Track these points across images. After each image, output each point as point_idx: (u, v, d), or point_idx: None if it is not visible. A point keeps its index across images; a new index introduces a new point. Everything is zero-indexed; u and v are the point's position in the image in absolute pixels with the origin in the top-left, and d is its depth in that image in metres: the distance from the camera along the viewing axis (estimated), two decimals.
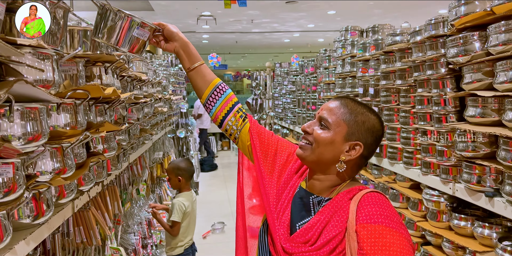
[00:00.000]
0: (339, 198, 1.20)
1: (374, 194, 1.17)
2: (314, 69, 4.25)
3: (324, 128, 1.21)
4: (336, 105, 1.23)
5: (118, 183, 2.89)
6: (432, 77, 1.94)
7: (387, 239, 1.04)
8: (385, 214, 1.09)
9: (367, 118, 1.22)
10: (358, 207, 1.13)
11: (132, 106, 2.53)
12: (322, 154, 1.21)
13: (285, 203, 1.31)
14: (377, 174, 2.69)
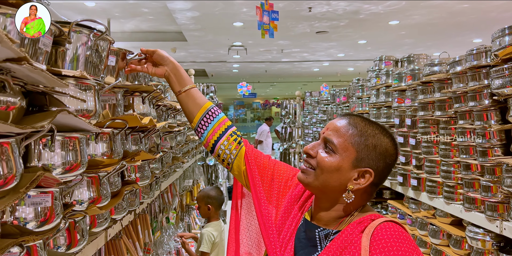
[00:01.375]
0: (349, 231, 1.06)
1: (388, 225, 1.04)
2: (346, 99, 4.22)
3: (330, 151, 1.08)
4: (344, 124, 1.09)
5: (149, 211, 2.88)
6: (475, 108, 1.87)
7: None
8: (403, 250, 0.97)
9: (379, 142, 1.08)
10: (371, 242, 1.01)
11: (166, 134, 2.56)
12: (327, 181, 1.08)
13: (287, 237, 1.17)
14: (415, 209, 2.57)
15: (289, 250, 1.14)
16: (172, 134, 2.62)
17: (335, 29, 7.09)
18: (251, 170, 1.31)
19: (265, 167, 1.31)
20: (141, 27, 7.32)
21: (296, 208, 1.21)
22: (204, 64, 10.59)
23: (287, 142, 7.74)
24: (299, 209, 1.21)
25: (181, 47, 8.38)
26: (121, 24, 7.04)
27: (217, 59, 9.86)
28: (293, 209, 1.21)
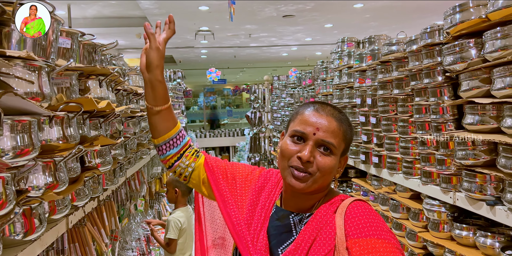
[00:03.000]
0: (322, 212, 1.11)
1: (358, 203, 1.11)
2: (312, 81, 4.25)
3: (329, 154, 1.09)
4: (334, 122, 1.10)
5: (115, 199, 2.85)
6: (429, 85, 1.93)
7: (381, 252, 0.99)
8: (374, 225, 1.04)
9: (352, 126, 1.17)
10: (345, 221, 1.06)
11: (129, 120, 2.52)
12: (324, 182, 1.11)
13: (259, 227, 1.17)
14: (377, 185, 2.65)
15: (261, 240, 1.14)
16: (135, 119, 2.59)
17: (301, 12, 7.09)
18: (213, 174, 1.33)
19: (226, 169, 1.34)
20: (104, 12, 7.10)
21: (262, 199, 1.22)
22: (171, 50, 10.41)
23: (256, 126, 7.77)
24: (267, 199, 1.22)
25: None
26: (82, 9, 6.81)
27: (184, 44, 9.70)
28: (259, 201, 1.23)
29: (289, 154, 1.10)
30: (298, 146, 1.10)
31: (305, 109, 1.15)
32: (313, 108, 1.14)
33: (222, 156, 12.83)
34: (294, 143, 1.11)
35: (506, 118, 1.48)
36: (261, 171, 1.34)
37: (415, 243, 2.13)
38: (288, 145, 1.11)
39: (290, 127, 1.15)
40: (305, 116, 1.12)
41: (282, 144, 1.13)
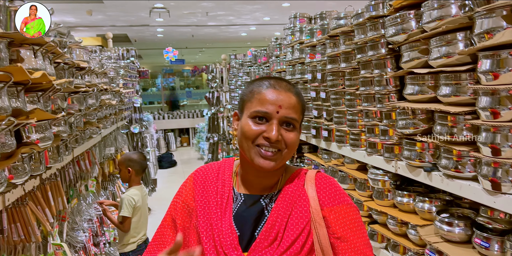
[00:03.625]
0: (291, 187, 1.13)
1: (322, 175, 1.17)
2: (267, 59, 4.24)
3: (292, 129, 1.10)
4: (294, 97, 1.11)
5: (63, 179, 2.76)
6: (374, 58, 1.96)
7: (352, 216, 1.09)
8: (341, 193, 1.13)
9: (303, 96, 1.19)
10: (318, 192, 1.11)
11: (73, 96, 2.42)
12: (290, 155, 1.13)
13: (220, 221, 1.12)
14: (327, 159, 2.71)
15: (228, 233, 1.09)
16: (80, 95, 2.49)
17: None
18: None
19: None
20: None
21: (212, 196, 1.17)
22: (125, 28, 10.05)
23: (215, 106, 7.71)
24: (217, 193, 1.17)
25: (98, 10, 7.86)
26: None
27: (139, 22, 9.39)
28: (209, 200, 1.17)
29: (254, 135, 1.08)
30: (261, 126, 1.09)
31: (260, 87, 1.12)
32: (269, 84, 1.12)
33: (181, 138, 12.70)
34: (257, 123, 1.09)
35: (442, 86, 1.53)
36: (190, 181, 1.24)
37: (362, 213, 2.20)
38: (251, 126, 1.09)
39: (248, 108, 1.11)
40: (263, 95, 1.10)
41: (244, 126, 1.10)
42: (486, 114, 1.31)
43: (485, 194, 1.34)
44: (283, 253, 1.04)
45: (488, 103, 1.30)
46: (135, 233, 3.15)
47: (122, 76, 4.71)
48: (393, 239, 1.88)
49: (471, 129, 1.45)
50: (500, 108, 1.27)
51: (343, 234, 1.06)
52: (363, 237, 1.08)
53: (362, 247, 1.06)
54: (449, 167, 1.49)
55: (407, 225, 1.82)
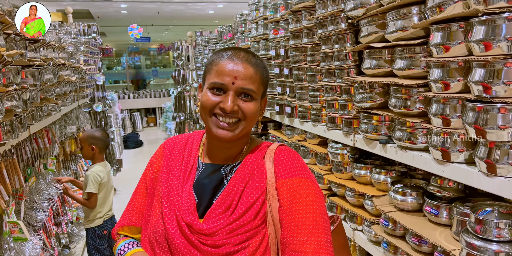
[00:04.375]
0: (252, 158, 1.16)
1: (284, 148, 1.20)
2: (232, 35, 4.19)
3: (250, 99, 1.12)
4: (251, 68, 1.12)
5: (20, 157, 2.68)
6: (334, 32, 1.97)
7: (304, 189, 1.09)
8: (299, 166, 1.14)
9: (267, 68, 1.20)
10: (275, 164, 1.14)
11: (26, 69, 2.33)
12: (250, 126, 1.15)
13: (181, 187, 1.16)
14: (290, 135, 2.74)
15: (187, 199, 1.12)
16: (34, 69, 2.40)
17: None
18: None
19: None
20: None
21: (177, 164, 1.21)
22: (87, 3, 9.65)
23: (181, 85, 7.60)
24: (182, 161, 1.21)
25: None
26: None
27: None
28: (173, 167, 1.21)
29: (211, 106, 1.11)
30: (218, 97, 1.11)
31: (219, 58, 1.13)
32: (227, 56, 1.13)
33: (148, 118, 12.50)
34: (214, 94, 1.11)
35: (397, 60, 1.56)
36: (161, 150, 1.29)
37: (322, 186, 2.26)
38: (209, 97, 1.11)
39: (208, 79, 1.14)
40: (220, 66, 1.11)
41: (202, 97, 1.13)
42: (437, 86, 1.35)
43: (435, 164, 1.39)
44: (236, 220, 1.07)
45: (439, 75, 1.34)
46: (101, 208, 3.13)
47: (82, 52, 4.55)
48: (351, 210, 1.94)
49: (423, 101, 1.50)
50: (450, 80, 1.31)
51: (289, 207, 1.07)
52: (313, 213, 1.05)
53: (307, 223, 1.04)
54: (403, 138, 1.54)
55: (364, 196, 1.88)
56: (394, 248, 1.62)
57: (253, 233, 1.06)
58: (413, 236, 1.49)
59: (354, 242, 2.00)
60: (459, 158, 1.32)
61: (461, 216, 1.34)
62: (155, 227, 1.12)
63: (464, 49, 1.28)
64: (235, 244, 1.05)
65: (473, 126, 1.19)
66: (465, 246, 1.20)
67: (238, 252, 1.04)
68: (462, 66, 1.30)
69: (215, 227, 1.06)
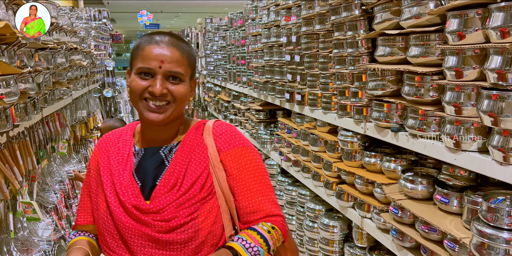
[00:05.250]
0: (190, 137, 1.21)
1: (220, 122, 1.26)
2: (243, 22, 4.17)
3: (179, 82, 1.14)
4: (177, 52, 1.14)
5: (33, 139, 2.71)
6: (347, 19, 1.95)
7: (247, 157, 1.19)
8: (238, 137, 1.22)
9: (193, 49, 1.23)
10: (215, 139, 1.20)
11: (39, 52, 2.34)
12: (182, 108, 1.18)
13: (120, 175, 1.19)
14: (300, 122, 2.74)
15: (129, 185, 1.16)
16: (47, 52, 2.41)
17: None
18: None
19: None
20: None
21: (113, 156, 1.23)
22: None
23: None
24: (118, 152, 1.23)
25: None
26: None
27: None
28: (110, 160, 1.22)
29: (140, 90, 1.13)
30: (147, 81, 1.13)
31: (144, 43, 1.15)
32: (152, 40, 1.14)
33: None
34: (142, 79, 1.13)
35: (412, 47, 1.55)
36: (96, 148, 1.32)
37: (330, 173, 2.26)
38: (138, 82, 1.13)
39: (135, 65, 1.15)
40: (146, 51, 1.13)
41: (131, 82, 1.15)
42: (451, 74, 1.34)
43: (447, 152, 1.39)
44: (182, 195, 1.12)
45: (454, 62, 1.33)
46: None
47: (93, 37, 4.56)
48: (360, 197, 1.95)
49: (437, 89, 1.49)
50: (465, 68, 1.30)
51: (238, 174, 1.17)
52: (260, 176, 1.18)
53: (257, 185, 1.16)
54: (415, 126, 1.54)
55: (373, 184, 1.88)
56: (403, 235, 1.62)
57: (201, 204, 1.13)
58: (423, 224, 1.49)
59: (362, 229, 2.01)
60: (472, 147, 1.31)
61: (472, 204, 1.33)
62: (103, 219, 1.17)
63: (481, 36, 1.27)
64: (185, 216, 1.11)
65: (488, 114, 1.18)
66: (476, 234, 1.20)
67: (188, 223, 1.10)
68: (478, 53, 1.28)
69: (162, 204, 1.12)
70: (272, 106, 3.57)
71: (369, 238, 2.07)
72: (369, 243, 2.08)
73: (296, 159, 2.74)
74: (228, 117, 4.90)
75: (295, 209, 2.83)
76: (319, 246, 2.41)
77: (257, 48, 3.49)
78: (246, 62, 4.07)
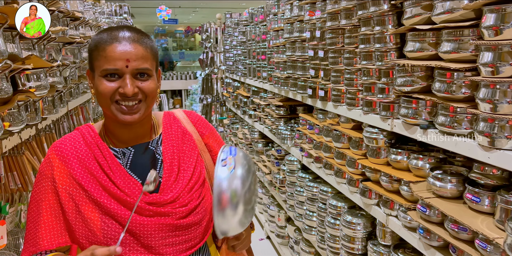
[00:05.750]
0: (170, 128, 1.25)
1: (189, 111, 1.37)
2: (264, 17, 4.15)
3: (147, 78, 1.11)
4: (140, 47, 1.09)
5: (58, 132, 2.76)
6: (375, 14, 1.93)
7: (218, 137, 1.38)
8: (207, 122, 1.38)
9: (151, 38, 1.19)
10: (195, 125, 1.32)
11: (66, 46, 2.37)
12: (152, 104, 1.16)
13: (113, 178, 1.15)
14: (322, 118, 2.72)
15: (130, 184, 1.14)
16: (75, 46, 2.44)
17: None
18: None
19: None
20: None
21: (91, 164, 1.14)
22: None
23: (208, 67, 7.62)
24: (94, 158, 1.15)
25: None
26: None
27: None
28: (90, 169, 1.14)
29: (110, 93, 1.08)
30: (114, 82, 1.08)
31: (105, 43, 1.08)
32: (112, 38, 1.08)
33: (174, 100, 12.62)
34: (109, 80, 1.08)
35: (444, 43, 1.52)
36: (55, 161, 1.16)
37: (354, 170, 2.24)
38: (106, 85, 1.08)
39: (97, 67, 1.09)
40: (108, 51, 1.07)
41: (98, 86, 1.09)
42: (486, 70, 1.31)
43: (480, 150, 1.36)
44: (189, 181, 1.20)
45: (490, 59, 1.30)
46: None
47: None
48: (385, 195, 1.93)
49: (469, 86, 1.45)
50: (501, 64, 1.27)
51: (215, 147, 1.33)
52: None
53: None
54: (446, 124, 1.51)
55: (399, 182, 1.86)
56: (430, 234, 1.60)
57: (201, 185, 1.23)
58: (452, 223, 1.47)
59: (386, 227, 1.99)
60: (507, 145, 1.28)
61: (506, 204, 1.31)
62: (102, 231, 1.10)
63: None
64: (196, 198, 1.19)
65: None
66: (511, 234, 1.18)
67: (200, 204, 1.20)
68: None
69: (177, 192, 1.17)
70: (293, 102, 3.55)
71: (393, 236, 2.05)
72: (393, 241, 2.06)
73: (318, 156, 2.72)
74: (247, 112, 4.90)
75: (316, 205, 2.81)
76: (341, 243, 2.40)
77: (278, 44, 3.48)
78: (266, 57, 4.05)
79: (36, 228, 1.13)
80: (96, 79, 1.11)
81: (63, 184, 1.13)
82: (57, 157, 1.16)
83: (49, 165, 1.16)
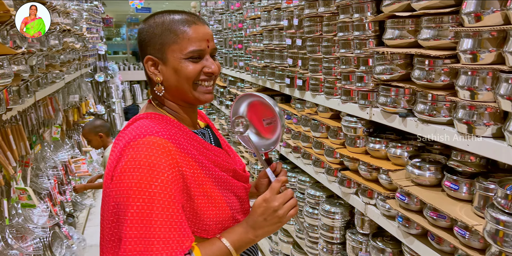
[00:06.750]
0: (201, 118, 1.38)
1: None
2: (240, 5, 4.07)
3: (215, 57, 1.19)
4: (209, 28, 1.17)
5: (26, 124, 2.64)
6: (354, 1, 1.90)
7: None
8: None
9: None
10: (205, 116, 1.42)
11: None
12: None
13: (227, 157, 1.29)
14: (300, 108, 2.70)
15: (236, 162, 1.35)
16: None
17: None
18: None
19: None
20: None
21: (198, 150, 1.15)
22: None
23: None
24: (194, 143, 1.15)
25: None
26: None
27: None
28: (200, 150, 1.15)
29: (196, 74, 1.11)
30: (198, 64, 1.12)
31: (181, 25, 1.10)
32: (187, 20, 1.12)
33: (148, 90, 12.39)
34: (194, 63, 1.11)
35: (423, 30, 1.50)
36: (172, 149, 1.08)
37: (332, 159, 2.23)
38: (193, 66, 1.11)
39: (178, 50, 1.09)
40: (191, 33, 1.10)
41: (182, 69, 1.09)
42: (466, 57, 1.30)
43: (459, 138, 1.35)
44: (236, 155, 1.38)
45: (470, 45, 1.29)
46: None
47: (85, 20, 4.43)
48: (364, 184, 1.92)
49: (448, 73, 1.44)
50: (481, 51, 1.26)
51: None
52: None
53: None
54: (425, 111, 1.50)
55: (378, 170, 1.85)
56: (409, 222, 1.60)
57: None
58: (431, 210, 1.47)
59: (365, 216, 1.99)
60: (486, 132, 1.28)
61: (484, 191, 1.31)
62: (229, 204, 1.18)
63: (500, 17, 1.22)
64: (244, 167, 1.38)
65: (506, 98, 1.15)
66: (491, 221, 1.18)
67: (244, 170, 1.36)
68: (495, 36, 1.24)
69: (241, 164, 1.37)
70: (270, 92, 3.51)
71: (372, 224, 2.05)
72: (372, 230, 2.06)
73: (296, 145, 2.70)
74: (223, 103, 4.84)
75: (294, 195, 2.79)
76: (320, 232, 2.39)
77: (255, 32, 3.42)
78: (243, 46, 3.99)
79: (176, 222, 1.01)
80: (177, 63, 1.10)
81: (190, 168, 1.09)
82: (172, 142, 1.07)
83: (167, 153, 1.04)
